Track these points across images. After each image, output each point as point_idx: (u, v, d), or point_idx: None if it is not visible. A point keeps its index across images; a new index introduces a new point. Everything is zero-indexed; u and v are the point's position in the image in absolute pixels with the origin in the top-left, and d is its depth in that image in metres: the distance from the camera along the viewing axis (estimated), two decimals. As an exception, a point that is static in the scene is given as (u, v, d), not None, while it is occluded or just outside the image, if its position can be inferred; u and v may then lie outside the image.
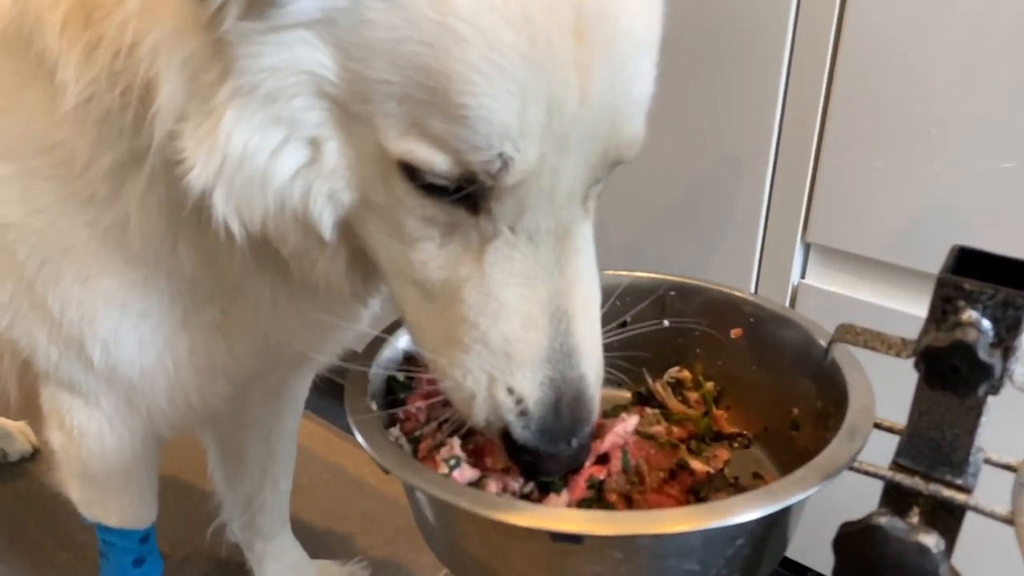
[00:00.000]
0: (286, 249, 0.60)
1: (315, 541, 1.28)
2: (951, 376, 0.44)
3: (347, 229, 0.59)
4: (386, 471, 0.54)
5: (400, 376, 0.68)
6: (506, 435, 0.55)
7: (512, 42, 0.46)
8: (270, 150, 0.53)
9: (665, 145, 0.70)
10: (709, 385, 0.76)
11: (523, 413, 0.54)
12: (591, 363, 0.56)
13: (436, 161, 0.50)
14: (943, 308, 0.46)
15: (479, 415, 0.56)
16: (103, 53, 0.59)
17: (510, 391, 0.54)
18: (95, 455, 0.85)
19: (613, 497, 0.61)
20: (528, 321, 0.54)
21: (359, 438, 0.56)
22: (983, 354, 0.43)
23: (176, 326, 0.72)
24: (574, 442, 0.55)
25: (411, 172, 0.51)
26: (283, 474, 1.15)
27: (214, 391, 0.78)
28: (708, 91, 0.97)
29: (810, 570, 1.12)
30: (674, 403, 0.75)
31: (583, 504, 0.60)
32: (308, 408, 1.12)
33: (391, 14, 0.48)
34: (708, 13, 0.93)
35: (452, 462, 0.58)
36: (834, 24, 0.88)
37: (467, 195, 0.52)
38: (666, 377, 0.76)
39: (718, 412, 0.74)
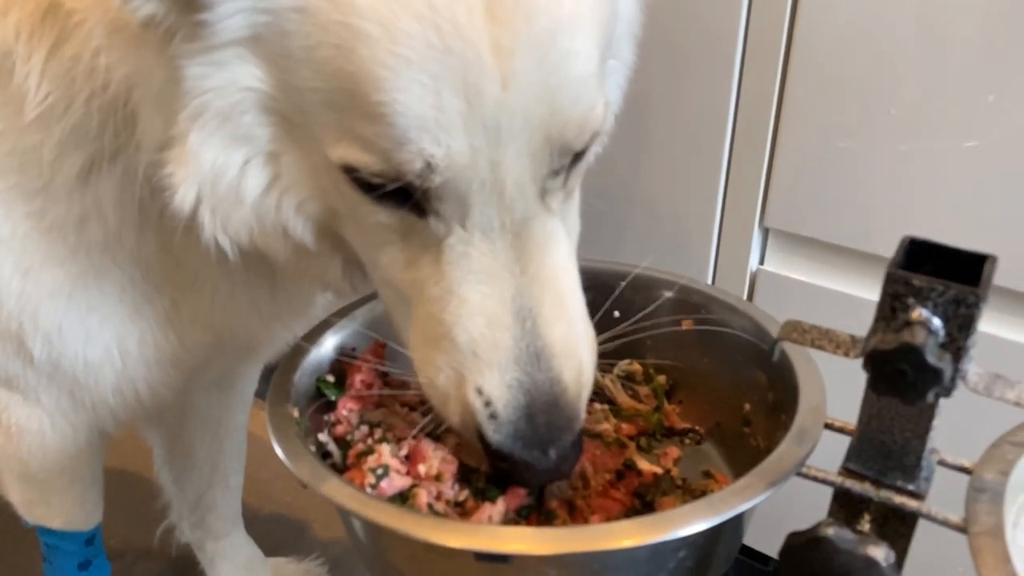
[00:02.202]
0: (280, 260, 0.60)
1: (272, 537, 1.26)
2: (898, 381, 0.41)
3: (334, 234, 0.59)
4: (304, 486, 0.50)
5: (330, 377, 0.64)
6: (481, 437, 0.53)
7: (415, 32, 0.45)
8: (237, 170, 0.54)
9: (617, 129, 0.67)
10: (661, 378, 0.73)
11: (493, 416, 0.52)
12: (567, 366, 0.53)
13: (369, 164, 0.49)
14: (892, 305, 0.43)
15: (453, 415, 0.54)
16: (68, 63, 0.59)
17: (479, 391, 0.52)
18: (35, 454, 0.82)
19: (554, 504, 0.58)
20: (492, 320, 0.52)
21: (277, 450, 0.53)
22: (931, 357, 0.40)
23: (126, 317, 0.70)
24: (551, 452, 0.52)
25: (357, 180, 0.51)
26: (233, 470, 1.12)
27: (163, 382, 0.76)
28: (661, 74, 0.94)
29: (772, 559, 1.10)
30: (624, 398, 0.72)
31: (521, 513, 0.56)
32: (264, 398, 1.09)
33: (304, 22, 0.48)
34: (662, -10, 0.90)
35: (380, 471, 0.55)
36: (789, 4, 0.85)
37: (414, 201, 0.51)
38: (615, 371, 0.73)
39: (669, 407, 0.71)
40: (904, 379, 0.41)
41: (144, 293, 0.69)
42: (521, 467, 0.52)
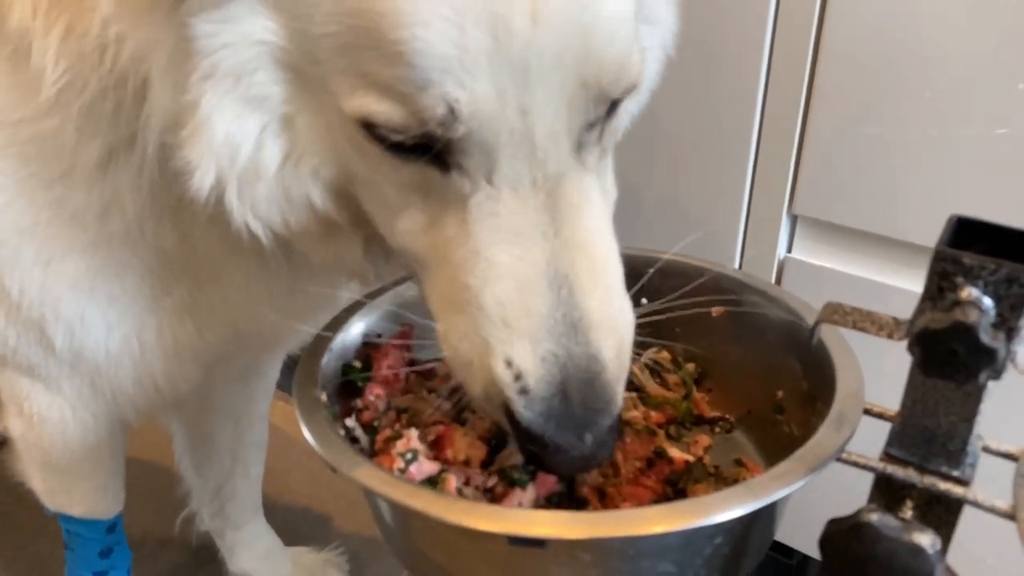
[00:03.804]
0: (308, 243, 0.58)
1: (291, 527, 1.25)
2: (950, 361, 0.40)
3: (355, 206, 0.56)
4: (334, 470, 0.49)
5: (356, 362, 0.63)
6: (510, 415, 0.49)
7: None
8: (254, 140, 0.52)
9: (644, 115, 0.66)
10: (690, 366, 0.71)
11: (524, 391, 0.48)
12: (606, 342, 0.49)
13: (387, 114, 0.46)
14: (940, 285, 0.42)
15: (476, 387, 0.50)
16: (81, 40, 0.58)
17: (508, 363, 0.48)
18: (57, 443, 0.82)
19: (585, 491, 0.57)
20: (524, 285, 0.48)
21: (306, 434, 0.52)
22: (985, 337, 0.38)
23: (145, 308, 0.69)
24: (587, 436, 0.48)
25: (375, 134, 0.48)
26: (254, 460, 1.12)
27: (182, 374, 0.75)
28: (690, 60, 0.92)
29: (796, 552, 1.09)
30: (652, 386, 0.70)
31: (551, 500, 0.55)
32: (284, 389, 1.08)
33: None
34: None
35: (408, 456, 0.54)
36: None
37: (436, 154, 0.47)
38: (644, 359, 0.71)
39: (699, 395, 0.70)
40: (956, 359, 0.39)
41: (164, 285, 0.69)
42: (553, 451, 0.48)
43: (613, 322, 0.50)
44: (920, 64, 0.80)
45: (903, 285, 0.87)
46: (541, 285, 0.48)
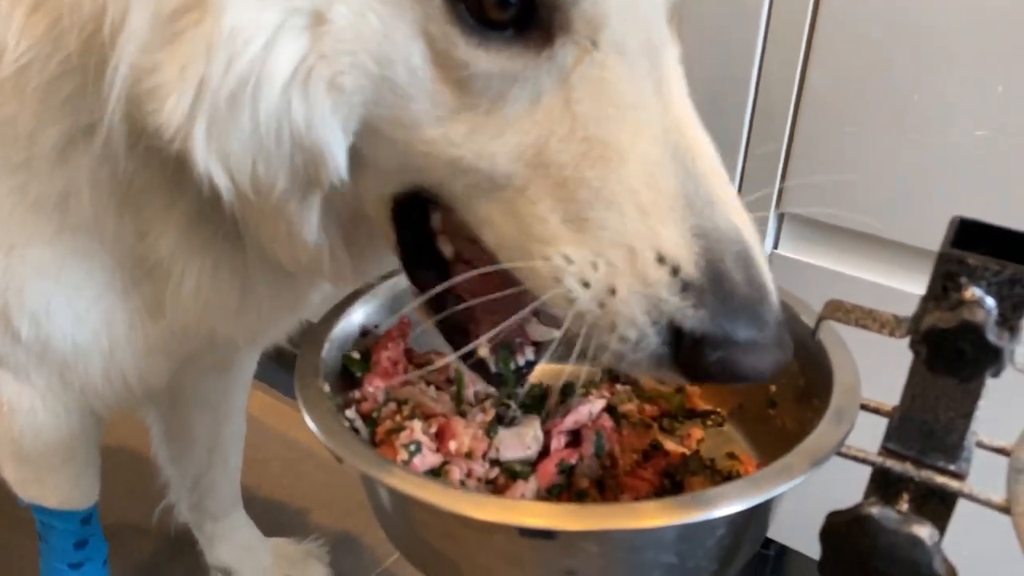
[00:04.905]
0: (271, 201, 0.50)
1: (270, 518, 1.25)
2: (956, 359, 0.41)
3: (360, 151, 0.49)
4: (340, 460, 0.49)
5: (355, 353, 0.63)
6: (676, 341, 0.42)
7: None
8: (266, 36, 0.43)
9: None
10: (683, 360, 0.72)
11: (686, 287, 0.41)
12: (742, 216, 0.44)
13: None
14: (944, 285, 0.43)
15: (630, 315, 0.42)
16: (51, 13, 0.53)
17: (661, 260, 0.42)
18: (27, 433, 0.80)
19: (584, 483, 0.57)
20: (650, 164, 0.43)
21: (311, 425, 0.52)
22: (992, 336, 0.40)
23: (114, 301, 0.67)
24: (767, 314, 0.42)
25: (465, 3, 0.43)
26: (232, 451, 1.11)
27: (152, 370, 0.73)
28: (681, 57, 0.93)
29: (773, 542, 1.11)
30: (646, 379, 0.71)
31: (552, 491, 0.56)
32: (262, 379, 1.07)
33: None
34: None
35: (412, 447, 0.54)
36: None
37: (532, 22, 0.43)
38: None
39: (691, 388, 0.71)
40: (962, 358, 0.41)
41: (133, 279, 0.66)
42: (744, 350, 0.41)
43: (740, 203, 0.45)
44: (906, 67, 0.82)
45: (887, 282, 0.89)
46: (667, 160, 0.43)
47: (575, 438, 0.60)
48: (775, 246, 0.97)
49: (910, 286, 0.86)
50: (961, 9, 0.78)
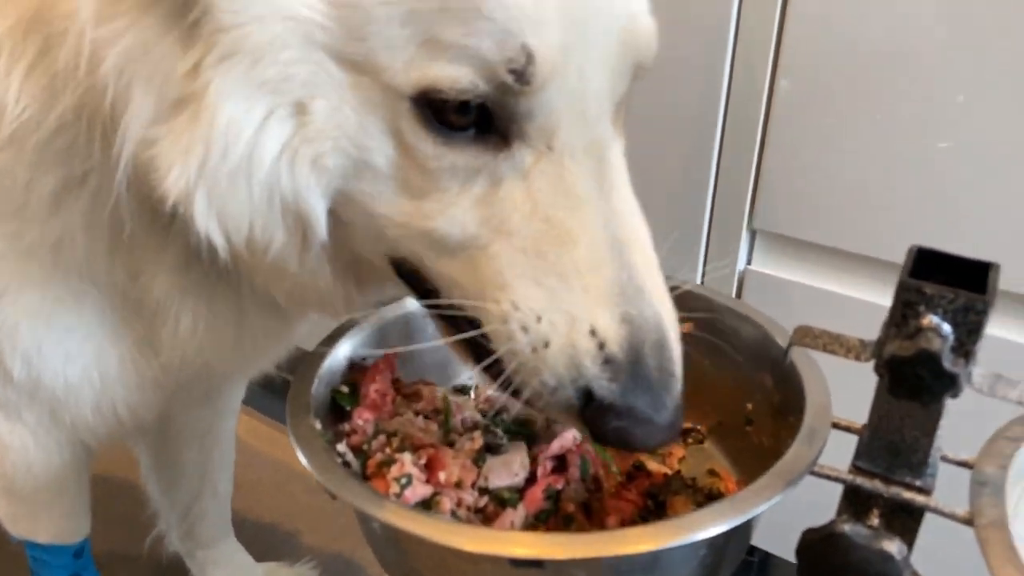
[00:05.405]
0: (269, 256, 0.54)
1: (261, 542, 1.25)
2: (915, 384, 0.43)
3: (335, 231, 0.54)
4: (334, 497, 0.51)
5: (344, 387, 0.64)
6: (586, 400, 0.48)
7: None
8: (255, 125, 0.49)
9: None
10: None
11: (607, 361, 0.47)
12: (666, 304, 0.50)
13: (459, 76, 0.46)
14: (903, 312, 0.46)
15: (555, 367, 0.48)
16: (48, 72, 0.56)
17: (592, 333, 0.48)
18: (20, 469, 0.81)
19: (571, 507, 0.59)
20: (593, 251, 0.48)
21: (305, 462, 0.53)
22: (948, 363, 0.42)
23: (105, 340, 0.68)
24: (668, 402, 0.48)
25: (430, 109, 0.48)
26: (221, 479, 1.11)
27: (143, 403, 0.74)
28: (651, 74, 0.95)
29: (758, 549, 1.13)
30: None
31: (540, 517, 0.58)
32: (250, 404, 1.08)
33: None
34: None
35: (403, 480, 0.56)
36: (778, 10, 0.87)
37: (491, 128, 0.48)
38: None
39: (672, 407, 0.73)
40: (921, 383, 0.43)
41: (124, 318, 0.68)
42: (637, 423, 0.47)
43: (664, 288, 0.51)
44: (870, 82, 0.84)
45: (857, 295, 0.91)
46: (606, 250, 0.49)
47: (561, 463, 0.62)
48: (748, 262, 1.00)
49: (883, 299, 0.89)
50: (918, 20, 0.80)
